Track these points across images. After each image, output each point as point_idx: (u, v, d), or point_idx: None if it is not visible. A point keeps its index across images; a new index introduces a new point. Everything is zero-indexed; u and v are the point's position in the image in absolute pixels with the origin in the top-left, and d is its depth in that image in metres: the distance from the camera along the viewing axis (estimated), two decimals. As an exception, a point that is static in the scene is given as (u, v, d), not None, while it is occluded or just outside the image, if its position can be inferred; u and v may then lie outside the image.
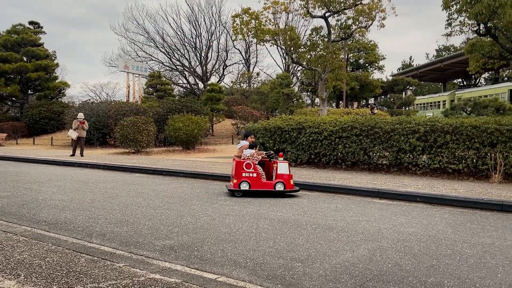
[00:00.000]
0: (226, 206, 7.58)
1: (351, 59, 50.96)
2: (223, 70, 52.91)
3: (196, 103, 28.26)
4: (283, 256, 4.57)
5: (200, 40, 49.88)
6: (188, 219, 6.43)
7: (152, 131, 21.18)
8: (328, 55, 20.09)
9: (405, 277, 3.99)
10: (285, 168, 8.57)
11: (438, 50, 68.68)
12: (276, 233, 5.58)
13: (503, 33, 15.15)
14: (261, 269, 4.17)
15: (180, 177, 12.15)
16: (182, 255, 4.61)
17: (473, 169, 10.51)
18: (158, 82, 39.30)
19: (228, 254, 4.65)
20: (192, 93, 48.87)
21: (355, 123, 12.25)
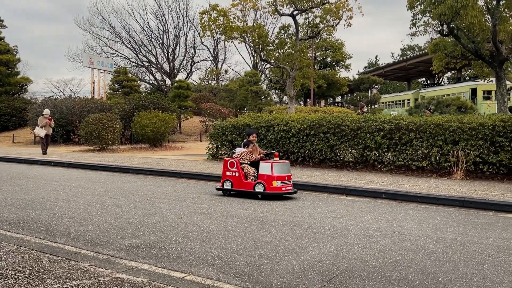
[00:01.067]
0: (194, 204, 7.53)
1: (318, 58, 51.48)
2: (191, 66, 52.54)
3: (163, 100, 27.94)
4: (251, 254, 4.57)
5: (167, 36, 49.35)
6: (155, 217, 6.35)
7: (118, 128, 20.83)
8: (296, 53, 20.22)
9: (371, 272, 4.06)
10: (266, 169, 8.04)
11: (403, 50, 70.18)
12: (244, 231, 5.58)
13: (465, 34, 15.60)
14: (229, 266, 4.16)
15: (147, 175, 12.00)
16: (149, 254, 4.55)
17: (436, 166, 10.79)
18: (124, 78, 38.67)
19: (196, 252, 4.62)
20: (159, 89, 48.28)
21: (322, 121, 12.38)
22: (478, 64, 18.51)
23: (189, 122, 33.24)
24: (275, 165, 8.08)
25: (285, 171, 8.21)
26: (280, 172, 8.08)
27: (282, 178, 8.06)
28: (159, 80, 51.13)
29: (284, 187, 8.06)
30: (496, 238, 5.38)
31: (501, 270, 4.16)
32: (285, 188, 8.11)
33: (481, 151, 10.01)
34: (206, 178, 10.95)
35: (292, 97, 21.22)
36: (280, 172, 8.08)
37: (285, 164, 8.34)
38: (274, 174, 7.99)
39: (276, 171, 8.03)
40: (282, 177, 8.08)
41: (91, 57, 35.08)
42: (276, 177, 8.01)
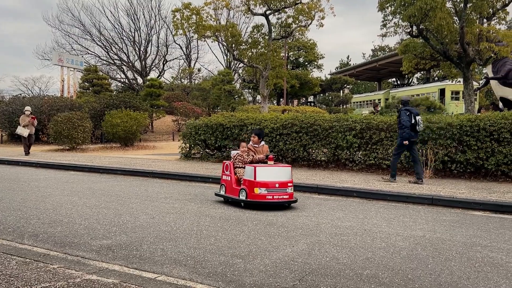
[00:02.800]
0: (166, 204, 7.47)
1: (291, 58, 51.77)
2: (163, 65, 52.06)
3: (135, 99, 27.59)
4: (224, 253, 4.57)
5: (139, 34, 48.75)
6: (126, 218, 6.27)
7: (88, 127, 20.46)
8: (269, 53, 20.29)
9: (342, 270, 4.12)
10: (249, 173, 7.08)
11: (374, 50, 71.24)
12: (217, 230, 5.56)
13: (434, 35, 15.94)
14: (202, 266, 4.15)
15: (118, 175, 11.82)
16: (120, 255, 4.49)
17: (406, 165, 11.00)
18: (94, 76, 37.99)
19: (168, 252, 4.58)
20: (130, 88, 47.64)
21: (295, 121, 12.46)
22: (447, 65, 18.96)
23: (161, 121, 32.93)
24: (261, 169, 7.02)
25: (278, 177, 7.05)
26: (269, 178, 6.97)
27: (269, 185, 6.92)
28: (130, 79, 50.47)
29: (270, 195, 6.92)
30: (463, 235, 5.53)
31: (467, 266, 4.28)
32: (273, 196, 6.95)
33: (449, 150, 10.26)
34: (179, 178, 10.87)
35: (265, 96, 21.28)
36: (269, 178, 6.97)
37: (280, 169, 7.20)
38: (258, 179, 6.93)
39: (261, 176, 6.96)
40: (270, 183, 6.93)
41: (60, 54, 34.34)
42: (260, 183, 6.92)
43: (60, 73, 33.62)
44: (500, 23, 18.65)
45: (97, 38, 47.48)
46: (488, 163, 9.78)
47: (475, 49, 15.49)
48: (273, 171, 7.10)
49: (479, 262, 4.39)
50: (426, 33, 16.04)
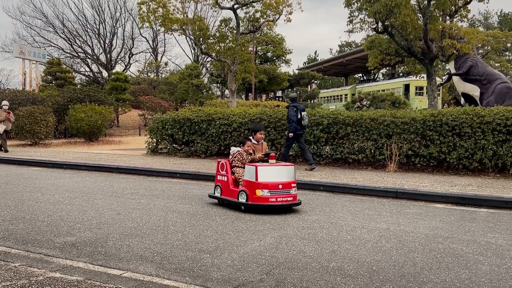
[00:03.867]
0: (132, 200, 7.36)
1: (259, 52, 51.79)
2: (129, 58, 51.14)
3: (100, 93, 27.02)
4: (191, 248, 4.54)
5: (104, 27, 47.67)
6: (91, 214, 6.15)
7: (51, 122, 19.93)
8: (237, 47, 20.22)
9: (309, 263, 4.16)
10: (250, 173, 6.40)
11: (341, 46, 72.09)
12: (184, 226, 5.53)
13: (399, 32, 16.25)
14: (169, 262, 4.11)
15: (83, 170, 11.58)
16: (85, 251, 4.40)
17: (372, 159, 11.21)
18: (57, 69, 36.97)
19: (135, 248, 4.52)
20: (95, 82, 46.60)
21: (263, 115, 12.48)
22: (411, 61, 19.36)
23: (127, 116, 32.39)
24: (262, 169, 6.37)
25: (281, 177, 6.44)
26: (272, 178, 6.34)
27: (272, 186, 6.30)
28: (95, 72, 49.36)
29: (274, 197, 6.30)
30: (426, 227, 5.68)
31: (430, 257, 4.40)
32: (277, 199, 6.32)
33: (413, 144, 10.51)
34: (146, 173, 10.74)
35: (234, 91, 21.23)
36: (272, 178, 6.34)
37: (283, 168, 6.57)
38: (260, 180, 6.29)
39: (263, 177, 6.31)
40: (273, 184, 6.31)
41: (22, 47, 33.28)
42: (262, 185, 6.28)
43: (21, 66, 32.59)
44: (462, 21, 19.20)
45: (60, 30, 46.18)
46: (450, 157, 10.07)
47: (438, 46, 15.88)
48: (276, 171, 6.45)
49: (441, 253, 4.52)
50: (391, 29, 16.33)
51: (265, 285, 3.58)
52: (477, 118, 9.81)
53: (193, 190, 8.51)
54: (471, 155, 9.89)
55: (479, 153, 9.77)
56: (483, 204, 7.21)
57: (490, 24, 62.45)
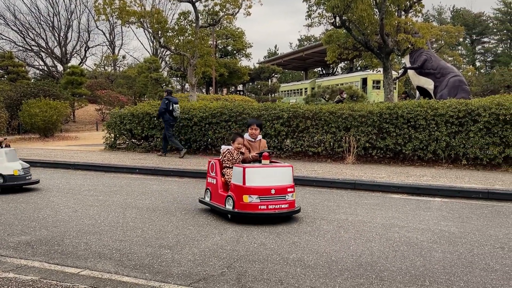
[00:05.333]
0: (90, 196, 7.20)
1: (220, 46, 51.48)
2: (85, 52, 49.82)
3: (55, 87, 26.20)
4: (151, 244, 4.49)
5: (58, 19, 46.21)
6: (47, 212, 5.98)
7: (4, 117, 19.18)
8: (196, 41, 20.03)
9: (270, 255, 4.20)
10: (238, 176, 5.50)
11: (300, 40, 72.73)
12: (144, 222, 5.46)
13: (356, 26, 16.52)
14: (128, 259, 4.05)
15: (38, 167, 11.20)
16: (41, 250, 4.28)
17: (331, 151, 11.39)
18: (9, 63, 35.58)
19: (93, 246, 4.43)
20: (50, 76, 45.11)
21: (224, 109, 12.45)
22: (368, 55, 19.73)
23: (84, 111, 31.56)
24: (251, 171, 5.43)
25: (274, 180, 5.52)
26: (262, 182, 5.43)
27: (262, 191, 5.39)
28: (50, 66, 47.80)
29: (264, 204, 5.37)
30: (383, 217, 5.84)
31: (386, 246, 4.52)
32: (268, 206, 5.38)
33: (370, 137, 10.74)
34: (104, 169, 10.51)
35: (194, 85, 21.05)
36: (262, 182, 5.43)
37: (278, 170, 5.64)
38: (248, 184, 5.37)
39: (252, 180, 5.38)
40: (263, 189, 5.39)
41: (-31, 39, 31.73)
42: (250, 189, 5.35)
43: (-30, 59, 31.07)
44: (417, 16, 19.73)
45: (11, 23, 44.43)
46: (406, 149, 10.36)
47: (394, 40, 16.27)
48: (268, 173, 5.52)
49: (397, 242, 4.66)
50: (349, 24, 16.59)
51: (226, 278, 3.59)
52: (431, 111, 10.13)
53: (152, 185, 8.41)
54: (426, 147, 10.21)
55: (433, 145, 10.10)
56: (437, 193, 7.48)
57: (443, 19, 64.55)
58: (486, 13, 65.71)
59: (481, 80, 43.10)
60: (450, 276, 3.69)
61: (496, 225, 5.45)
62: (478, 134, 9.67)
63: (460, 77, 14.80)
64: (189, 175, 9.55)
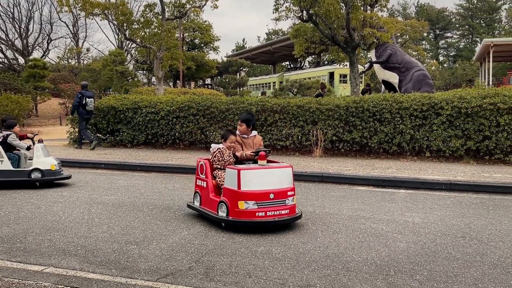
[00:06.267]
0: (53, 192, 7.02)
1: (187, 39, 50.95)
2: (48, 44, 48.36)
3: (16, 80, 25.39)
4: (117, 240, 4.42)
5: (19, 10, 44.81)
6: (8, 209, 5.80)
7: (-38, 111, 18.45)
8: (163, 33, 19.73)
9: (238, 248, 4.21)
10: (231, 179, 4.87)
11: (268, 34, 72.77)
12: (110, 218, 5.37)
13: (323, 20, 16.63)
14: (94, 255, 3.98)
15: (-1, 163, 10.84)
16: (2, 248, 4.15)
17: (299, 145, 11.47)
18: (-33, 55, 34.20)
19: (57, 243, 4.33)
20: (10, 69, 43.54)
21: (192, 103, 12.34)
22: (335, 49, 19.92)
23: (46, 105, 30.70)
24: (247, 173, 4.82)
25: (273, 183, 4.92)
26: (259, 185, 4.83)
27: (260, 196, 4.79)
28: (10, 59, 46.14)
29: (262, 211, 4.77)
30: (349, 209, 5.93)
31: (352, 237, 4.60)
32: (266, 213, 4.79)
33: (337, 130, 10.87)
34: (68, 165, 10.24)
35: (160, 78, 20.76)
36: (259, 185, 4.83)
37: (276, 171, 5.02)
38: (243, 188, 4.76)
39: (248, 183, 4.79)
40: (261, 194, 4.80)
41: None
42: (248, 194, 4.75)
43: None
44: (382, 10, 19.99)
45: (-32, 13, 42.63)
46: (372, 142, 10.54)
47: (360, 35, 16.47)
48: (266, 175, 4.92)
49: (363, 233, 4.74)
50: (316, 18, 16.68)
51: (194, 273, 3.57)
52: (395, 104, 10.33)
53: (119, 180, 8.27)
54: (391, 139, 10.41)
55: (398, 137, 10.31)
56: (401, 185, 7.65)
57: (408, 14, 65.79)
58: (449, 9, 67.64)
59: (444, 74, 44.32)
60: (414, 265, 3.79)
61: (458, 215, 5.63)
62: (441, 127, 9.93)
63: (424, 71, 15.13)
64: (157, 169, 9.44)
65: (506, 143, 9.42)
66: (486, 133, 9.55)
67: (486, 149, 9.65)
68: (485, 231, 4.86)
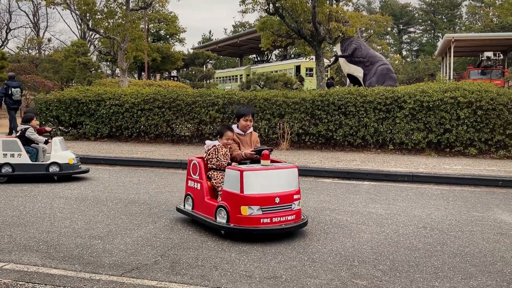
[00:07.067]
0: (13, 187, 6.81)
1: (152, 30, 50.14)
2: (7, 34, 46.76)
3: (-27, 71, 24.38)
4: (81, 235, 4.34)
5: (-25, -2, 42.82)
6: (-35, 204, 5.59)
7: None
8: (127, 24, 19.32)
9: (205, 241, 4.20)
10: (233, 181, 4.37)
11: (235, 26, 72.39)
12: (73, 212, 5.25)
13: (289, 14, 16.67)
14: (56, 251, 3.89)
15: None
16: (-42, 246, 4.00)
17: (265, 138, 11.51)
18: None
19: (17, 238, 4.21)
20: (-33, 59, 41.88)
21: (157, 95, 12.17)
22: (301, 43, 19.99)
23: (6, 96, 29.65)
24: (251, 174, 4.33)
25: (278, 185, 4.43)
26: (264, 188, 4.34)
27: (265, 200, 4.30)
28: (-34, 48, 44.33)
29: (268, 217, 4.27)
30: (315, 201, 6.01)
31: (318, 229, 4.66)
32: (272, 219, 4.29)
33: (303, 123, 10.97)
34: (29, 158, 9.96)
35: (125, 70, 20.36)
36: (264, 188, 4.34)
37: (282, 172, 4.52)
38: (246, 192, 4.27)
39: (252, 187, 4.29)
40: (267, 198, 4.31)
41: None
42: (252, 199, 4.26)
43: None
44: (347, 5, 20.24)
45: None
46: (337, 135, 10.69)
47: (326, 28, 16.60)
48: (271, 177, 4.43)
49: (328, 225, 4.82)
50: (282, 11, 16.70)
51: (160, 267, 3.54)
52: (360, 98, 10.49)
53: (82, 174, 8.08)
54: (355, 132, 10.59)
55: (362, 130, 10.49)
56: (365, 177, 7.80)
57: (372, 8, 66.81)
58: (412, 4, 69.05)
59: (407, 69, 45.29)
60: (378, 255, 3.88)
61: (419, 206, 5.79)
62: (403, 120, 10.16)
63: (387, 65, 15.43)
64: (121, 163, 9.29)
65: (465, 136, 9.74)
66: (447, 126, 9.84)
67: (447, 141, 9.94)
68: (445, 221, 5.02)
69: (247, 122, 5.03)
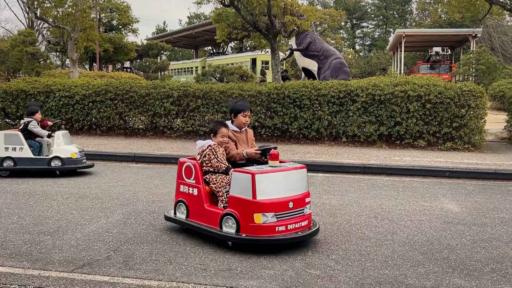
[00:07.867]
0: (-45, 182, 6.48)
1: (103, 20, 48.78)
2: None
3: None
4: (29, 231, 4.19)
5: None
6: None
7: None
8: (77, 13, 18.71)
9: (159, 236, 4.16)
10: (243, 184, 3.87)
11: (190, 18, 71.57)
12: (21, 208, 5.06)
13: (245, 6, 16.65)
14: (3, 247, 3.74)
15: None
16: None
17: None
18: None
19: (-41, 237, 4.01)
20: None
21: (109, 87, 11.86)
22: (257, 35, 20.03)
23: None
24: (264, 178, 3.86)
25: (291, 188, 4.02)
26: (278, 193, 3.91)
27: (280, 206, 3.87)
28: None
29: (283, 224, 3.85)
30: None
31: (273, 220, 4.70)
32: (287, 226, 3.87)
33: (259, 116, 11.01)
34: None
35: (75, 60, 19.73)
36: (278, 193, 3.91)
37: (293, 173, 4.10)
38: (259, 197, 3.80)
39: (265, 191, 3.84)
40: (281, 203, 3.88)
41: None
42: (266, 205, 3.80)
43: None
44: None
45: None
46: (292, 127, 10.80)
47: (281, 22, 16.70)
48: (283, 179, 3.99)
49: (283, 216, 4.86)
50: (237, 3, 16.65)
51: (112, 262, 3.48)
52: (314, 91, 10.64)
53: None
54: (310, 125, 10.73)
55: (317, 123, 10.65)
56: (319, 169, 7.94)
57: (326, 3, 67.69)
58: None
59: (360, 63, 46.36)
60: (330, 245, 3.97)
61: (371, 196, 5.95)
62: (356, 113, 10.39)
63: (341, 59, 15.70)
64: (72, 156, 9.01)
65: (415, 128, 10.08)
66: (398, 119, 10.15)
67: (397, 134, 10.25)
68: (395, 211, 5.19)
69: (246, 118, 4.57)
